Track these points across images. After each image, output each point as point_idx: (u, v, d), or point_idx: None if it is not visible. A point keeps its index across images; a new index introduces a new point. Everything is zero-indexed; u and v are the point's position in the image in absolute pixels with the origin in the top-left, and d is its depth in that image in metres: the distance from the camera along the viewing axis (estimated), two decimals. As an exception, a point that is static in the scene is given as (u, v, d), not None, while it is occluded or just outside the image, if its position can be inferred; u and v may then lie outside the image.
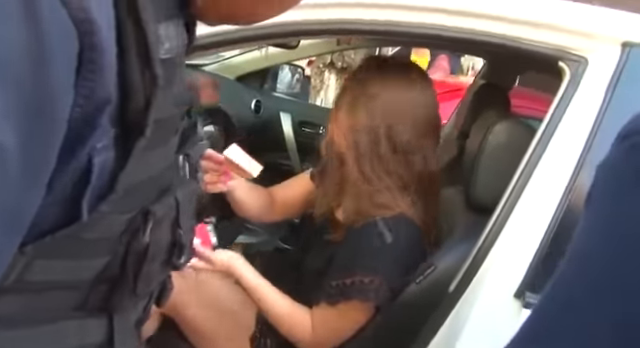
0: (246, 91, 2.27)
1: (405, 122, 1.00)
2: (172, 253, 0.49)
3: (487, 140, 1.09)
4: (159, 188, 0.46)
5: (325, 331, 1.07)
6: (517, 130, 1.09)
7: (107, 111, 0.36)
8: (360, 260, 1.01)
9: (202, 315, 1.20)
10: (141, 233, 0.43)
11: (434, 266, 1.03)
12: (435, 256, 1.06)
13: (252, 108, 2.23)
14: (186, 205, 0.50)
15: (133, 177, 0.40)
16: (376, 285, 0.99)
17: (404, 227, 1.02)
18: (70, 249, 0.40)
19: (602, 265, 0.28)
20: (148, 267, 0.45)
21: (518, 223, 0.92)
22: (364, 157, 1.01)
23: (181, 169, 0.51)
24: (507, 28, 0.92)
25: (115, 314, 0.46)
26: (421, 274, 1.03)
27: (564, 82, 0.94)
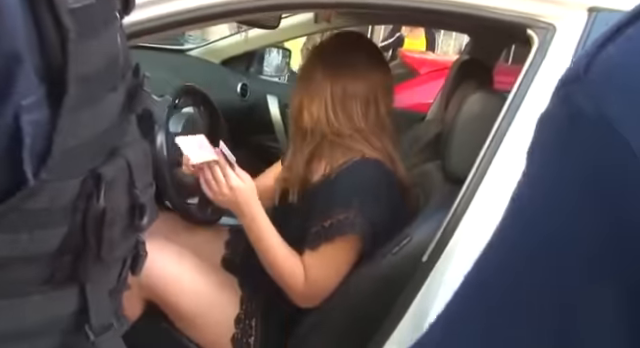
0: (232, 75, 2.27)
1: (360, 81, 1.12)
2: (133, 215, 0.49)
3: (461, 111, 1.09)
4: (105, 150, 0.45)
5: (315, 277, 1.10)
6: (491, 101, 1.09)
7: (23, 67, 0.35)
8: (333, 202, 1.08)
9: (186, 301, 1.21)
10: (95, 198, 0.43)
11: (410, 237, 1.04)
12: (411, 227, 1.07)
13: (238, 92, 2.22)
14: (140, 165, 0.50)
15: (70, 139, 0.40)
16: (351, 218, 1.05)
17: (372, 166, 1.11)
18: (20, 222, 0.39)
19: (537, 220, 0.27)
20: (109, 232, 0.45)
21: (488, 192, 0.93)
22: (331, 115, 1.12)
23: (130, 129, 0.51)
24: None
25: (87, 283, 0.47)
26: (397, 244, 1.05)
27: (532, 50, 0.94)
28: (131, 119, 0.52)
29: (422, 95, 2.76)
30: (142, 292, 1.20)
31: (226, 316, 1.22)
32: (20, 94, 0.36)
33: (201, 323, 1.22)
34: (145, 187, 0.51)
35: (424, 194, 1.27)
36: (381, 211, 1.07)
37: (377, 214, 1.06)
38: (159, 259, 1.18)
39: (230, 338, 1.21)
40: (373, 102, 1.13)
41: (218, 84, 2.17)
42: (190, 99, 1.41)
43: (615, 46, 0.22)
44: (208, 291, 1.23)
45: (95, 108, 0.43)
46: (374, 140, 1.13)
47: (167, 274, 1.20)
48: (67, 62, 0.38)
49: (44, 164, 0.38)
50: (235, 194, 1.09)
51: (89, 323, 0.47)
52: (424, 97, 2.64)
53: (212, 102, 1.49)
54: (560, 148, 0.25)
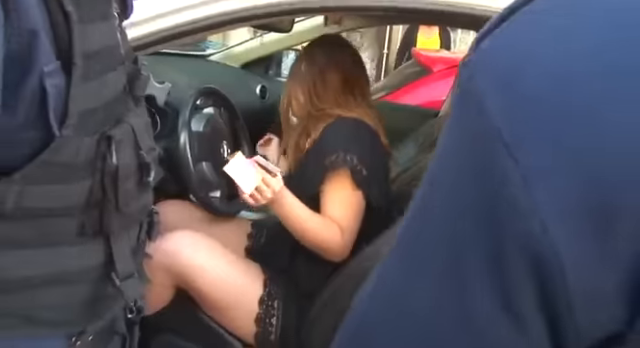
0: (251, 78, 2.37)
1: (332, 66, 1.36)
2: (142, 172, 0.59)
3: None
4: (113, 117, 0.55)
5: (342, 220, 1.25)
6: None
7: (40, 40, 0.45)
8: (322, 153, 1.28)
9: (212, 286, 1.29)
10: (109, 156, 0.53)
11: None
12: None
13: (258, 93, 2.33)
14: (141, 131, 0.60)
15: (82, 103, 0.49)
16: (342, 156, 1.24)
17: (350, 121, 1.31)
18: (53, 174, 0.50)
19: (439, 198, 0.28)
20: (124, 186, 0.56)
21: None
22: (313, 97, 1.36)
23: (132, 106, 0.61)
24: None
25: (111, 236, 0.58)
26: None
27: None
28: (133, 98, 0.62)
29: (436, 92, 2.82)
30: (171, 279, 1.30)
31: (250, 298, 1.30)
32: (42, 62, 0.46)
33: (227, 306, 1.30)
34: (149, 150, 0.62)
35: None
36: (365, 152, 1.26)
37: (363, 154, 1.25)
38: (186, 247, 1.29)
39: (254, 318, 1.29)
40: (347, 83, 1.35)
41: (238, 87, 2.27)
42: (210, 100, 1.51)
43: (498, 33, 0.27)
44: (233, 276, 1.31)
45: (99, 81, 0.53)
46: (351, 107, 1.34)
47: (194, 262, 1.29)
48: (72, 40, 0.47)
49: (64, 123, 0.48)
50: (277, 196, 1.25)
51: (115, 271, 0.58)
52: (438, 94, 2.70)
53: (231, 103, 1.58)
54: (449, 124, 0.28)
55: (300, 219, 1.27)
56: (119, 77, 0.58)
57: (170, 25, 1.00)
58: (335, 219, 1.27)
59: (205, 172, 1.40)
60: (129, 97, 0.61)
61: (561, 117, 0.23)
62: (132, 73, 0.62)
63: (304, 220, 1.27)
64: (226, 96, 1.56)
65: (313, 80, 1.35)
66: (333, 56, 1.37)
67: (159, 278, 1.27)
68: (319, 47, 1.41)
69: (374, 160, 1.30)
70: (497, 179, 0.24)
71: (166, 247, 1.28)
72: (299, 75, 1.38)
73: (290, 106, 1.41)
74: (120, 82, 0.58)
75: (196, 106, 1.45)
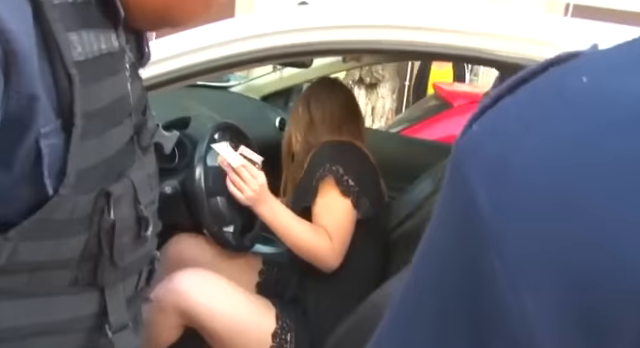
0: (271, 110, 2.40)
1: (322, 108, 1.47)
2: (140, 226, 0.59)
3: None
4: (114, 172, 0.55)
5: (332, 228, 1.29)
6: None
7: (40, 103, 0.46)
8: (311, 172, 1.35)
9: (221, 326, 1.28)
10: (106, 212, 0.53)
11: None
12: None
13: (277, 125, 2.35)
14: (143, 184, 0.60)
15: (81, 161, 0.50)
16: (327, 168, 1.32)
17: (335, 143, 1.40)
18: (48, 230, 0.50)
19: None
20: (120, 240, 0.56)
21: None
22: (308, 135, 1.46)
23: (138, 157, 0.61)
24: (489, 42, 0.99)
25: (106, 288, 0.57)
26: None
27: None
28: (140, 147, 0.62)
29: (456, 127, 2.80)
30: (180, 319, 1.29)
31: (263, 333, 1.29)
32: (40, 124, 0.47)
33: (238, 344, 1.29)
34: (148, 204, 0.61)
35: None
36: (351, 165, 1.33)
37: (349, 166, 1.32)
38: (195, 287, 1.29)
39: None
40: (340, 123, 1.46)
41: (258, 119, 2.30)
42: (227, 134, 1.52)
43: (485, 118, 0.26)
44: (244, 314, 1.30)
45: (102, 138, 0.53)
46: (337, 135, 1.44)
47: (204, 301, 1.28)
48: (73, 101, 0.48)
49: (62, 182, 0.49)
50: (261, 191, 1.28)
51: (108, 323, 0.57)
52: (458, 129, 2.67)
53: (248, 137, 1.60)
54: (440, 203, 0.27)
55: (287, 224, 1.30)
56: (125, 130, 0.58)
57: (189, 64, 1.03)
58: (324, 226, 1.30)
59: (219, 206, 1.40)
60: (135, 147, 0.61)
61: (549, 212, 0.22)
62: (139, 125, 0.62)
63: (291, 225, 1.30)
64: (244, 131, 1.58)
65: (309, 120, 1.45)
66: (328, 98, 1.47)
67: (167, 318, 1.27)
68: (315, 90, 1.52)
69: (362, 173, 1.36)
70: (483, 278, 0.23)
71: (175, 286, 1.28)
72: (297, 116, 1.49)
73: (290, 145, 1.51)
74: (125, 135, 0.59)
75: (213, 140, 1.47)
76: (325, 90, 1.50)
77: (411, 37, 1.07)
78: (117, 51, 0.56)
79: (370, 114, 3.95)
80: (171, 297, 1.27)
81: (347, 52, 1.36)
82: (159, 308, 1.26)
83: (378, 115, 3.94)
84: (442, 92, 3.33)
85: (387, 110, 3.94)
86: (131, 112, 0.60)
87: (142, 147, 0.63)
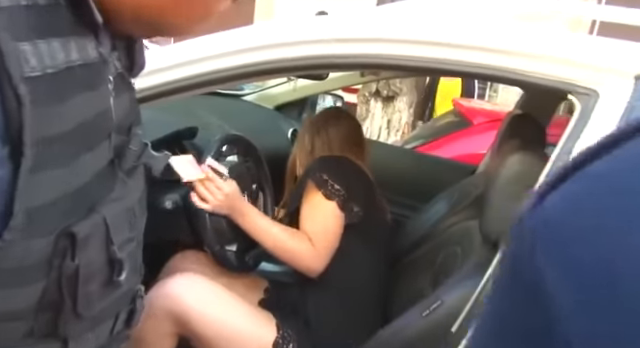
0: (284, 120, 2.33)
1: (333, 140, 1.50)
2: (112, 270, 0.50)
3: (499, 172, 1.07)
4: (81, 207, 0.46)
5: (313, 231, 1.29)
6: (532, 162, 1.06)
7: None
8: (303, 181, 1.36)
9: (216, 334, 1.21)
10: (68, 256, 0.44)
11: (441, 301, 1.01)
12: (443, 289, 1.04)
13: (289, 137, 2.28)
14: (119, 221, 0.51)
15: (35, 197, 0.40)
16: (312, 174, 1.33)
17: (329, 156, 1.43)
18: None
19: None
20: (85, 288, 0.47)
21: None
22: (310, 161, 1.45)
23: (117, 183, 0.52)
24: (510, 61, 0.92)
25: (70, 340, 0.49)
26: (427, 308, 1.02)
27: (575, 115, 0.92)
28: (122, 173, 0.54)
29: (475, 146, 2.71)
30: (172, 326, 1.23)
31: (263, 343, 1.23)
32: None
33: (243, 344, 1.22)
34: (124, 243, 0.52)
35: (463, 253, 1.23)
36: (339, 172, 1.34)
37: (337, 173, 1.33)
38: (188, 291, 1.23)
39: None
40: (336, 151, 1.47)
41: (270, 129, 2.23)
42: (235, 147, 1.45)
43: (557, 194, 0.21)
44: (241, 321, 1.25)
45: (70, 166, 0.44)
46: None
47: (197, 306, 1.22)
48: (23, 126, 0.39)
49: (7, 225, 0.39)
50: (228, 200, 1.26)
51: None
52: (477, 148, 2.59)
53: (257, 151, 1.53)
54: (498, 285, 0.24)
55: (263, 228, 1.30)
56: (102, 153, 0.50)
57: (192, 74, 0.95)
58: (306, 230, 1.30)
59: (222, 224, 1.33)
60: (116, 172, 0.53)
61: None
62: (120, 146, 0.53)
63: (267, 229, 1.30)
64: (252, 144, 1.51)
65: (311, 148, 1.49)
66: (333, 129, 1.50)
67: (159, 324, 1.22)
68: (322, 120, 1.55)
69: (352, 182, 1.36)
70: None
71: (167, 291, 1.23)
72: (302, 143, 1.52)
73: (294, 166, 1.54)
74: (103, 159, 0.50)
75: (220, 153, 1.40)
76: (331, 121, 1.53)
77: (435, 54, 0.99)
78: (95, 61, 0.48)
79: (386, 127, 3.86)
80: (162, 302, 1.21)
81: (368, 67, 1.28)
82: (151, 314, 1.21)
83: (394, 129, 3.85)
84: (461, 108, 3.23)
85: (403, 124, 3.85)
86: (111, 132, 0.51)
87: (125, 170, 0.55)
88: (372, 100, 3.92)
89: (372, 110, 3.93)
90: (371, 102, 3.93)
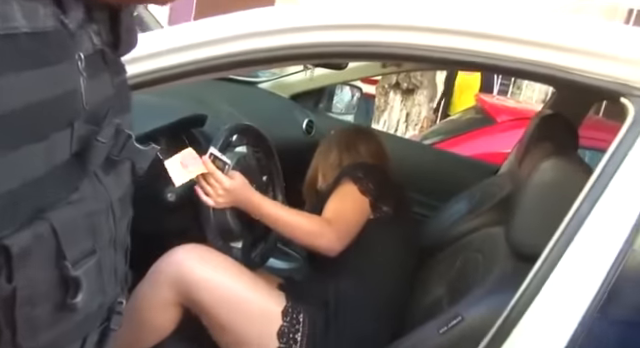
0: (299, 110, 2.24)
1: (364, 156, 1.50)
2: (66, 291, 0.41)
3: (532, 178, 0.97)
4: (22, 213, 0.38)
5: (334, 214, 1.27)
6: (568, 168, 0.95)
7: None
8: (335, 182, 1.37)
9: (220, 303, 1.17)
10: (3, 275, 0.35)
11: (460, 317, 0.92)
12: (462, 305, 0.94)
13: (304, 128, 2.19)
14: (75, 230, 0.42)
15: None
16: (346, 172, 1.35)
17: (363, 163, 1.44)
18: None
19: None
20: (27, 315, 0.38)
21: (562, 281, 0.79)
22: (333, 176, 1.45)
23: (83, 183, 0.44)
24: (556, 57, 0.81)
25: None
26: (445, 324, 0.92)
27: (626, 122, 0.81)
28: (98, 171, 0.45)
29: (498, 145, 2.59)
30: (175, 295, 1.19)
31: (270, 311, 1.19)
32: None
33: (241, 322, 1.17)
34: (82, 256, 0.43)
35: (484, 261, 1.13)
36: (372, 173, 1.35)
37: (370, 173, 1.35)
38: (192, 260, 1.19)
39: (276, 332, 1.17)
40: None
41: (284, 119, 2.14)
42: (244, 138, 1.37)
43: None
44: (247, 289, 1.20)
45: (6, 160, 0.36)
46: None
47: (201, 274, 1.18)
48: None
49: None
50: (232, 194, 1.19)
51: None
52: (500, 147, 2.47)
53: (268, 142, 1.44)
54: None
55: (278, 215, 1.25)
56: (57, 147, 0.40)
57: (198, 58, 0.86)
58: (327, 213, 1.28)
59: (227, 218, 1.25)
60: (72, 172, 0.43)
61: None
62: (86, 137, 0.43)
63: (282, 214, 1.25)
64: (263, 134, 1.42)
65: (339, 164, 1.46)
66: (363, 148, 1.49)
67: (163, 293, 1.19)
68: (351, 138, 1.54)
69: (384, 183, 1.36)
70: None
71: (170, 259, 1.20)
72: (327, 157, 1.50)
73: (316, 179, 1.52)
74: (59, 153, 0.41)
75: (229, 143, 1.31)
76: (361, 138, 1.53)
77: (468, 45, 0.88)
78: (52, 31, 0.39)
79: (404, 121, 3.75)
80: (168, 269, 1.19)
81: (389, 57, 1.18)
82: (155, 281, 1.20)
83: (412, 123, 3.74)
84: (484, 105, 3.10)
85: (422, 118, 3.73)
86: (75, 120, 0.42)
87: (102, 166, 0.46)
88: (391, 92, 3.81)
89: (391, 102, 3.81)
90: (390, 94, 3.82)
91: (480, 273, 1.10)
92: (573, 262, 0.79)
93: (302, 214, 1.29)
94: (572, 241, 0.80)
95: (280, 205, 1.31)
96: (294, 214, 1.27)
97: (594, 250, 0.79)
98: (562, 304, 0.79)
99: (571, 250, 0.80)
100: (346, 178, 1.33)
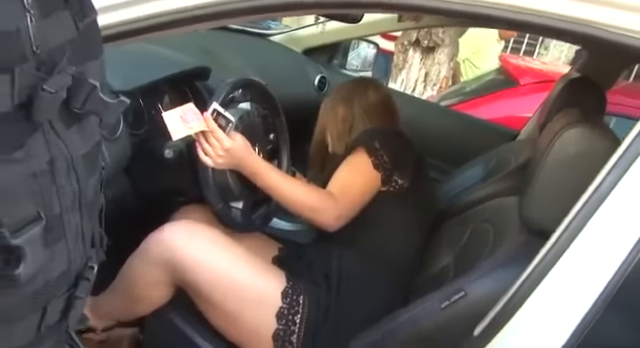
0: (311, 66, 2.15)
1: (371, 109, 1.42)
2: (5, 260, 0.37)
3: (553, 147, 0.89)
4: None
5: (338, 183, 1.22)
6: (594, 138, 0.87)
7: None
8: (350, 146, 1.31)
9: (215, 290, 1.12)
10: None
11: (464, 292, 0.86)
12: (466, 279, 0.89)
13: (315, 85, 2.10)
14: (15, 192, 0.38)
15: None
16: (362, 139, 1.28)
17: (380, 128, 1.38)
18: None
19: None
20: None
21: (576, 260, 0.72)
22: (341, 131, 1.42)
23: (30, 141, 0.39)
24: (585, 10, 0.71)
25: None
26: (447, 298, 0.87)
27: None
28: (46, 126, 0.40)
29: (519, 108, 2.47)
30: (167, 275, 1.15)
31: (268, 293, 1.15)
32: None
33: (236, 306, 1.13)
34: (24, 223, 0.39)
35: (494, 233, 1.07)
36: (389, 143, 1.27)
37: (386, 143, 1.27)
38: (182, 239, 1.15)
39: (275, 313, 1.13)
40: (375, 121, 1.40)
41: (294, 74, 2.06)
42: (249, 93, 1.30)
43: None
44: (244, 271, 1.15)
45: None
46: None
47: (192, 255, 1.13)
48: None
49: None
50: (232, 154, 1.13)
51: None
52: (521, 110, 2.36)
53: (274, 99, 1.37)
54: None
55: (279, 184, 1.19)
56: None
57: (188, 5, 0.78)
58: (333, 186, 1.23)
59: (227, 178, 1.19)
60: (34, 122, 0.39)
61: None
62: (33, 86, 0.38)
63: (283, 184, 1.20)
64: (269, 91, 1.34)
65: (348, 117, 1.40)
66: (370, 98, 1.42)
67: (154, 272, 1.16)
68: (359, 90, 1.45)
69: (400, 154, 1.29)
70: None
71: (160, 239, 1.16)
72: (335, 115, 1.42)
73: (323, 141, 1.45)
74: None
75: (232, 99, 1.24)
76: (368, 92, 1.44)
77: None
78: None
79: (422, 80, 3.61)
80: (155, 249, 1.16)
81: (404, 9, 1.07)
82: (145, 259, 1.17)
83: (431, 82, 3.60)
84: (508, 66, 2.96)
85: (442, 78, 3.59)
86: (14, 65, 0.36)
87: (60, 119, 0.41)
88: (411, 50, 3.65)
89: (410, 60, 3.67)
90: (409, 52, 3.66)
91: (489, 246, 1.04)
92: (591, 240, 0.72)
93: (304, 186, 1.23)
94: (592, 217, 0.73)
95: (282, 173, 1.24)
96: (296, 185, 1.21)
97: (615, 228, 0.72)
98: (575, 285, 0.73)
99: (590, 227, 0.73)
100: (361, 147, 1.26)
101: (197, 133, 1.10)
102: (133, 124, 1.24)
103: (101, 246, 0.55)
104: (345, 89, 1.46)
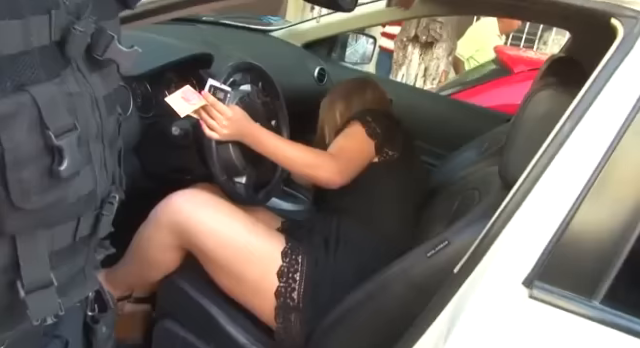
0: (311, 59, 2.23)
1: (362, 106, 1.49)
2: (52, 158, 0.46)
3: (525, 109, 0.97)
4: (10, 80, 0.42)
5: (337, 148, 1.30)
6: (560, 100, 0.95)
7: None
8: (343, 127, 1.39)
9: (219, 251, 1.20)
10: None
11: (447, 241, 0.95)
12: (450, 231, 0.97)
13: (315, 76, 2.19)
14: (56, 106, 0.46)
15: None
16: (357, 116, 1.37)
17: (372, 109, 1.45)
18: None
19: None
20: (17, 175, 0.43)
21: (536, 202, 0.80)
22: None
23: (65, 73, 0.47)
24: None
25: (17, 237, 0.45)
26: (433, 248, 0.95)
27: (615, 42, 0.80)
28: (74, 63, 0.48)
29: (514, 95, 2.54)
30: (175, 239, 1.23)
31: (269, 252, 1.21)
32: None
33: (239, 266, 1.20)
34: (64, 130, 0.47)
35: (480, 197, 1.15)
36: (380, 118, 1.36)
37: (377, 116, 1.36)
38: (187, 204, 1.23)
39: (276, 271, 1.20)
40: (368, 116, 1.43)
41: (295, 66, 2.14)
42: (249, 76, 1.38)
43: None
44: (246, 233, 1.22)
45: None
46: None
47: (197, 218, 1.21)
48: None
49: None
50: (234, 123, 1.20)
51: (20, 279, 0.46)
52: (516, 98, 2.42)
53: (272, 80, 1.45)
54: None
55: (281, 147, 1.25)
56: (34, 29, 0.44)
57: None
58: (331, 149, 1.30)
59: (231, 154, 1.28)
60: (50, 54, 0.47)
61: None
62: (66, 28, 0.47)
63: (284, 146, 1.26)
64: (269, 75, 1.43)
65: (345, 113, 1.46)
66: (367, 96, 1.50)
67: (163, 237, 1.24)
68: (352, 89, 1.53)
69: (391, 127, 1.37)
70: None
71: (168, 204, 1.24)
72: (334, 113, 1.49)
73: (324, 138, 1.50)
74: (37, 36, 0.45)
75: (234, 82, 1.33)
76: (364, 89, 1.52)
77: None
78: None
79: (422, 75, 3.70)
80: (166, 214, 1.24)
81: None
82: (155, 225, 1.25)
83: (430, 77, 3.68)
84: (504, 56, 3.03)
85: (441, 72, 3.67)
86: (52, 9, 0.45)
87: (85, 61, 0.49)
88: (410, 46, 3.74)
89: (409, 56, 3.75)
90: (409, 48, 3.75)
91: (474, 207, 1.12)
92: (546, 188, 0.79)
93: (303, 146, 1.29)
94: (549, 165, 0.80)
95: (281, 138, 1.31)
96: (296, 146, 1.26)
97: (574, 170, 0.79)
98: (531, 230, 0.79)
99: (545, 177, 0.80)
100: (354, 120, 1.35)
101: (200, 112, 1.19)
102: (142, 108, 1.34)
103: (120, 185, 0.64)
104: (345, 88, 1.54)
